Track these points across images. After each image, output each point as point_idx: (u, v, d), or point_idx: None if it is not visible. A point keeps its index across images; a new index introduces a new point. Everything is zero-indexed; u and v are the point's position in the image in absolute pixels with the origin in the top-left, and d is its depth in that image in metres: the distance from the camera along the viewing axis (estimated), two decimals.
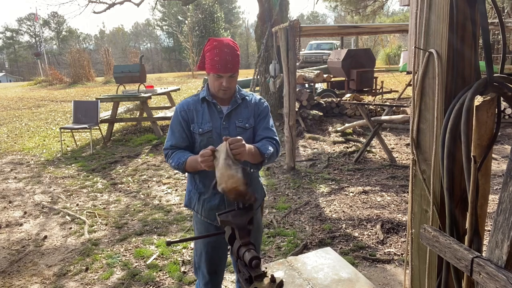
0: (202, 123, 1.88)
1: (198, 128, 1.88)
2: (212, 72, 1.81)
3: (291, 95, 5.46)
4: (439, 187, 1.31)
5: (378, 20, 22.68)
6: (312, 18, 63.03)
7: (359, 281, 1.53)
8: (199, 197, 1.96)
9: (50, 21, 55.08)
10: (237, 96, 1.94)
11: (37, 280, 3.05)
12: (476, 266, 1.03)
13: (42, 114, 12.14)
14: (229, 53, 1.79)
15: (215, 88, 1.86)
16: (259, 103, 2.00)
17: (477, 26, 1.22)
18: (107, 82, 22.70)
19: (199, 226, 2.03)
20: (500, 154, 5.93)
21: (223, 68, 1.78)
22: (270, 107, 2.10)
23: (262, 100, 2.03)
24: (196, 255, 2.08)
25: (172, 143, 1.90)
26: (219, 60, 1.77)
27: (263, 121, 1.97)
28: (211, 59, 1.79)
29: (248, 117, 1.94)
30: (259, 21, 8.60)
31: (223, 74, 1.80)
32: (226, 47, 1.79)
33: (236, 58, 1.83)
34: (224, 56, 1.78)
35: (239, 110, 1.93)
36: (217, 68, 1.78)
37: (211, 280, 2.06)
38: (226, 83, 1.82)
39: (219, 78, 1.81)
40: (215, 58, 1.77)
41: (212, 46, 1.81)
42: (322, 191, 4.74)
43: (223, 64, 1.78)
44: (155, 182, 5.32)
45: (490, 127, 1.25)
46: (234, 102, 1.93)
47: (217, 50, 1.78)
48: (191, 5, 27.41)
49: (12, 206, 4.65)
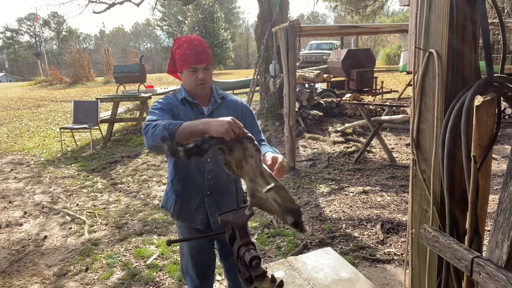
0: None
1: None
2: (185, 67, 1.76)
3: (291, 95, 5.46)
4: (439, 187, 1.31)
5: (378, 20, 22.68)
6: (312, 18, 63.04)
7: (359, 281, 1.53)
8: (176, 199, 1.89)
9: (50, 21, 55.06)
10: (215, 95, 1.89)
11: (37, 280, 3.05)
12: (476, 266, 1.03)
13: (42, 114, 12.14)
14: (199, 45, 1.77)
15: (191, 84, 1.79)
16: (244, 105, 1.96)
17: (477, 26, 1.22)
18: (107, 82, 22.70)
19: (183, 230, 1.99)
20: (500, 154, 5.93)
21: (196, 59, 1.74)
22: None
23: (243, 102, 2.00)
24: (183, 259, 2.03)
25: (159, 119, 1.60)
26: (191, 52, 1.74)
27: (252, 123, 1.94)
28: (182, 54, 1.75)
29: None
30: (259, 21, 8.60)
31: (197, 65, 1.75)
32: (195, 40, 1.78)
33: (207, 50, 1.80)
34: (195, 47, 1.75)
35: (220, 110, 1.86)
36: (190, 61, 1.74)
37: (201, 283, 2.01)
38: (202, 75, 1.77)
39: (194, 72, 1.76)
40: (187, 52, 1.74)
41: (180, 42, 1.78)
42: (322, 191, 4.74)
43: (196, 55, 1.74)
44: (155, 182, 5.32)
45: (490, 127, 1.25)
46: (214, 102, 1.87)
47: (187, 44, 1.75)
48: (191, 5, 27.41)
49: (12, 206, 4.64)
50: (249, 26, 56.47)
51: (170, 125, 1.44)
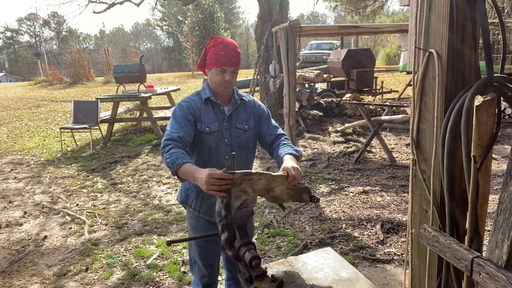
0: (209, 122, 1.88)
1: (205, 127, 1.86)
2: (216, 66, 1.83)
3: (291, 95, 5.46)
4: (439, 187, 1.31)
5: (378, 20, 22.68)
6: (312, 18, 63.03)
7: (359, 281, 1.53)
8: (197, 195, 1.96)
9: (50, 21, 55.07)
10: (236, 97, 1.97)
11: (37, 280, 3.05)
12: (476, 266, 1.03)
13: (42, 114, 12.14)
14: (233, 49, 1.85)
15: (216, 83, 1.86)
16: (259, 106, 2.06)
17: (477, 26, 1.22)
18: (107, 82, 22.70)
19: (192, 221, 2.06)
20: (500, 154, 5.93)
21: (228, 61, 1.82)
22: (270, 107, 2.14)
23: (260, 103, 2.09)
24: (191, 249, 2.10)
25: (180, 135, 1.75)
26: (224, 54, 1.81)
27: (269, 121, 2.03)
28: (216, 53, 1.82)
29: (248, 119, 1.97)
30: (259, 21, 8.60)
31: (227, 67, 1.83)
32: (231, 44, 1.86)
33: (239, 55, 1.89)
34: (229, 51, 1.83)
35: (239, 111, 1.96)
36: (221, 62, 1.81)
37: (208, 273, 2.08)
38: (229, 77, 1.84)
39: (222, 73, 1.83)
40: (220, 52, 1.81)
41: (216, 42, 1.85)
42: (322, 191, 4.74)
43: (228, 58, 1.82)
44: (155, 182, 5.32)
45: (490, 127, 1.25)
46: (234, 103, 1.95)
47: (222, 46, 1.83)
48: (191, 5, 27.41)
49: (12, 206, 4.64)
50: (249, 26, 56.49)
51: (172, 164, 1.63)
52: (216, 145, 1.89)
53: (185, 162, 1.62)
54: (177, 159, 1.63)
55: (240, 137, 1.93)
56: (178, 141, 1.74)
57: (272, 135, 1.99)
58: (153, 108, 10.12)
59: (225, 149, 1.90)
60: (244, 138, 1.94)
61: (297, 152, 1.84)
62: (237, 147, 1.92)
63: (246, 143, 1.95)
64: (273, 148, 1.97)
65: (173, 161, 1.63)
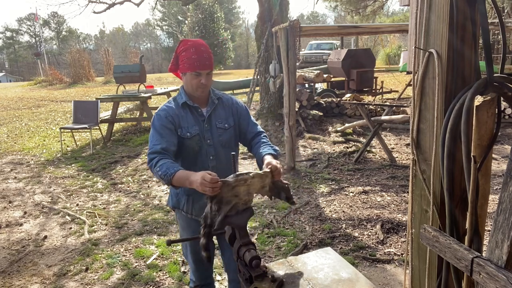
0: (189, 127, 1.89)
1: (186, 133, 1.88)
2: (190, 70, 1.84)
3: (291, 95, 5.46)
4: (439, 187, 1.31)
5: (378, 20, 22.68)
6: (312, 18, 63.02)
7: (359, 281, 1.53)
8: (188, 198, 2.00)
9: (50, 21, 55.05)
10: (213, 97, 1.99)
11: (37, 280, 3.05)
12: (476, 266, 1.03)
13: (42, 114, 12.14)
14: (205, 51, 1.86)
15: (193, 86, 1.88)
16: (237, 103, 2.07)
17: (477, 26, 1.22)
18: (107, 82, 22.70)
19: (182, 223, 2.11)
20: (500, 154, 5.93)
21: (202, 65, 1.83)
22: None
23: (238, 100, 2.11)
24: (183, 246, 2.18)
25: (163, 147, 1.79)
26: (197, 58, 1.82)
27: (248, 118, 2.06)
28: (188, 58, 1.83)
29: (227, 117, 1.99)
30: (259, 21, 8.60)
31: (202, 71, 1.84)
32: (201, 46, 1.86)
33: (211, 56, 1.90)
34: (202, 54, 1.84)
35: (217, 111, 1.98)
36: (195, 66, 1.82)
37: (197, 268, 2.15)
38: (204, 80, 1.86)
39: (197, 76, 1.85)
40: (193, 56, 1.82)
41: (187, 45, 1.86)
42: (322, 191, 4.74)
43: (202, 61, 1.83)
44: (155, 182, 5.32)
45: (490, 127, 1.25)
46: (212, 103, 1.97)
47: (193, 49, 1.83)
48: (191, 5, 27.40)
49: (12, 206, 4.64)
50: (249, 26, 56.49)
51: (165, 175, 1.67)
52: (199, 147, 1.91)
53: (176, 171, 1.66)
54: (168, 169, 1.67)
55: (221, 136, 1.96)
56: (162, 152, 1.77)
57: (252, 132, 2.03)
58: (153, 108, 10.10)
59: (208, 150, 1.93)
60: (226, 137, 1.97)
61: (275, 152, 1.88)
62: (220, 147, 1.95)
63: (228, 141, 1.98)
64: (252, 145, 2.01)
65: (165, 173, 1.67)
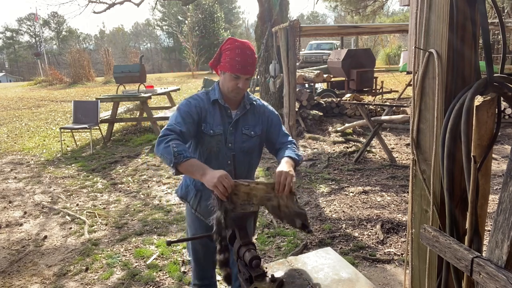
0: (214, 125, 1.84)
1: (209, 129, 1.83)
2: (230, 71, 1.78)
3: (291, 95, 5.46)
4: (439, 187, 1.31)
5: (378, 20, 22.68)
6: (312, 18, 63.03)
7: (359, 281, 1.53)
8: (196, 193, 1.95)
9: (50, 21, 55.07)
10: (246, 101, 1.92)
11: (37, 280, 3.05)
12: (476, 266, 1.03)
13: (42, 114, 12.14)
14: (250, 56, 1.79)
15: (229, 88, 1.82)
16: (270, 112, 2.00)
17: (477, 26, 1.22)
18: (107, 82, 22.69)
19: (188, 217, 2.09)
20: (500, 154, 5.93)
21: (243, 69, 1.77)
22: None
23: (272, 108, 2.03)
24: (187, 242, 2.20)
25: (183, 130, 1.72)
26: (241, 60, 1.76)
27: (279, 128, 1.98)
28: (232, 59, 1.76)
29: (255, 125, 1.92)
30: (259, 21, 8.60)
31: (242, 75, 1.78)
32: (248, 49, 1.79)
33: (255, 63, 1.84)
34: (246, 57, 1.77)
35: (247, 116, 1.91)
36: (237, 68, 1.76)
37: (196, 267, 2.14)
38: (242, 84, 1.80)
39: (235, 79, 1.79)
40: (237, 58, 1.75)
41: (234, 45, 1.78)
42: (322, 191, 4.74)
43: (244, 65, 1.77)
44: (155, 182, 5.32)
45: (490, 127, 1.25)
46: (243, 107, 1.90)
47: (239, 51, 1.76)
48: (191, 5, 27.40)
49: (12, 206, 4.64)
50: (249, 26, 56.43)
51: (179, 155, 1.58)
52: (218, 148, 1.85)
53: (192, 156, 1.62)
54: (185, 151, 1.61)
55: (244, 143, 1.88)
56: (179, 135, 1.70)
57: (281, 142, 1.95)
58: (153, 108, 10.12)
59: (227, 153, 1.86)
60: (249, 144, 1.90)
61: (297, 157, 1.80)
62: (240, 152, 1.87)
63: (250, 149, 1.91)
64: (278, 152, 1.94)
65: (180, 152, 1.59)
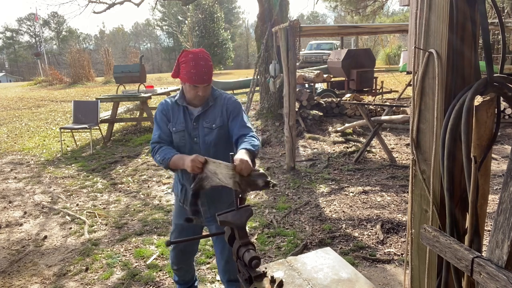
0: (177, 123, 2.05)
1: (172, 127, 2.05)
2: (188, 82, 1.94)
3: (291, 95, 5.46)
4: (439, 187, 1.31)
5: (378, 20, 22.67)
6: (312, 18, 63.01)
7: (359, 281, 1.53)
8: (182, 187, 2.13)
9: (50, 21, 55.07)
10: (210, 98, 2.06)
11: (37, 280, 3.05)
12: (476, 266, 1.03)
13: (42, 114, 12.14)
14: (204, 65, 1.92)
15: (190, 96, 1.99)
16: (228, 102, 2.08)
17: (477, 26, 1.22)
18: (107, 82, 22.68)
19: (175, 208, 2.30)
20: (500, 154, 5.93)
21: (199, 79, 1.91)
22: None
23: (232, 98, 2.12)
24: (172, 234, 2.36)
25: (161, 136, 2.04)
26: (196, 72, 1.90)
27: (237, 119, 2.04)
28: (188, 71, 1.91)
29: (215, 118, 2.04)
30: (259, 21, 8.60)
31: (199, 85, 1.93)
32: (201, 60, 1.92)
33: (211, 69, 1.96)
34: (200, 68, 1.91)
35: (208, 111, 2.06)
36: (193, 80, 1.91)
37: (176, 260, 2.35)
38: (202, 92, 1.97)
39: (195, 88, 1.95)
40: (192, 71, 1.90)
41: (188, 58, 1.92)
42: (322, 191, 4.74)
43: (200, 75, 1.91)
44: (155, 182, 5.32)
45: (490, 127, 1.25)
46: (206, 104, 2.05)
47: (193, 63, 1.90)
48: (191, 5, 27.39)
49: (12, 206, 4.64)
50: (249, 26, 56.47)
51: (163, 160, 1.93)
52: (184, 143, 2.03)
53: (173, 155, 1.91)
54: (166, 155, 1.93)
55: (207, 136, 2.03)
56: (160, 142, 2.02)
57: (236, 134, 1.99)
58: (153, 108, 10.10)
59: (195, 147, 2.02)
60: (212, 137, 2.03)
61: (253, 147, 1.85)
62: (208, 146, 2.02)
63: (216, 141, 2.04)
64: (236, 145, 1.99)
65: (163, 157, 1.93)
